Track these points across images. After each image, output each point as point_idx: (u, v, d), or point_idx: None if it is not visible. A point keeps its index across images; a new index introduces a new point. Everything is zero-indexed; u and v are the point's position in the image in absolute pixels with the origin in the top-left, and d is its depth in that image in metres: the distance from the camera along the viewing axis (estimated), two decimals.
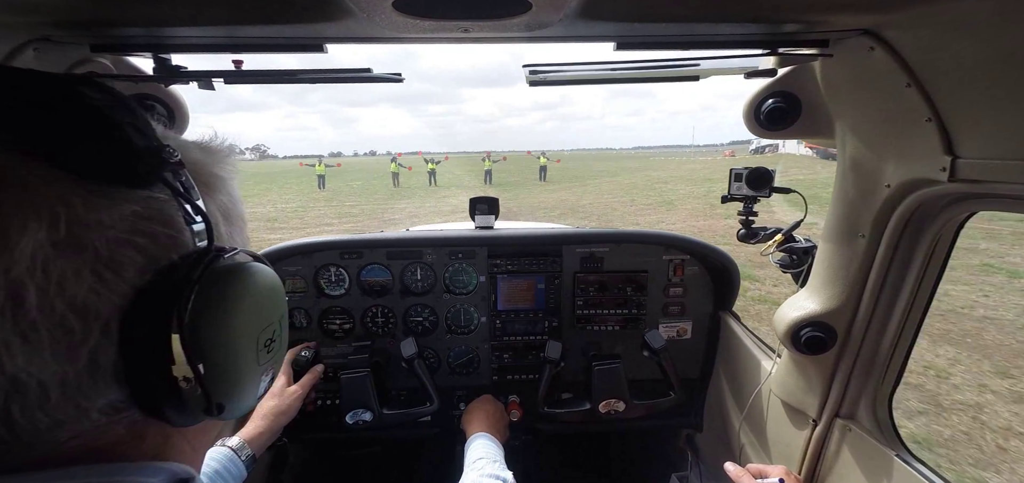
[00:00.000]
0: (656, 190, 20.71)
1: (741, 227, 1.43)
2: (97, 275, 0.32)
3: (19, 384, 0.31)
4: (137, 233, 0.35)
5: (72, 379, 0.33)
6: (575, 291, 1.70)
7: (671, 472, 1.91)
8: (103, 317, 0.33)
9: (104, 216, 0.33)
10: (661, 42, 0.88)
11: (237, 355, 0.41)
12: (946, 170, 0.78)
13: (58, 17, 0.76)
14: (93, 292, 0.32)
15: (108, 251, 0.33)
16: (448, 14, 0.73)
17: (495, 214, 1.85)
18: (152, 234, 0.36)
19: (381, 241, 1.70)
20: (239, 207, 0.49)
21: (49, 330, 0.31)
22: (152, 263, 0.36)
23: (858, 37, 0.85)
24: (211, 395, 0.38)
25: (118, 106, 0.36)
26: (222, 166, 0.47)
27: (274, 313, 0.46)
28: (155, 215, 0.36)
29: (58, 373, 0.32)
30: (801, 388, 1.23)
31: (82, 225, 0.32)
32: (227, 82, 0.96)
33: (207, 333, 0.38)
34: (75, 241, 0.31)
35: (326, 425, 1.74)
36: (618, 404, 1.58)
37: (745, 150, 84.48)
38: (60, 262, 0.31)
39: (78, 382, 0.33)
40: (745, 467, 1.17)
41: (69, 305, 0.31)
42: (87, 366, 0.33)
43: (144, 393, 0.36)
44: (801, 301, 1.14)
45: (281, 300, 0.48)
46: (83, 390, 0.33)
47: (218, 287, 0.39)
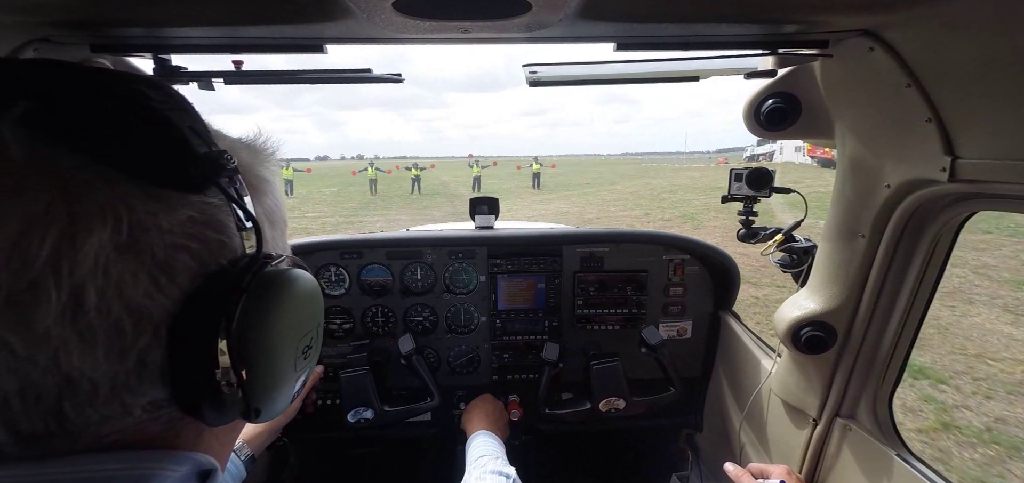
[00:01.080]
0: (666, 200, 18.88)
1: (741, 227, 1.43)
2: (152, 279, 0.33)
3: (73, 382, 0.31)
4: (191, 238, 0.35)
5: (121, 378, 0.33)
6: (575, 291, 1.70)
7: (671, 472, 1.91)
8: (155, 320, 0.34)
9: (162, 220, 0.33)
10: (661, 42, 0.88)
11: (278, 362, 0.41)
12: (946, 170, 0.78)
13: (58, 17, 0.76)
14: (148, 296, 0.33)
15: (164, 255, 0.33)
16: (448, 14, 0.73)
17: (495, 214, 1.85)
18: (205, 239, 0.36)
19: (381, 241, 1.70)
20: (282, 211, 0.49)
21: (104, 331, 0.31)
22: (203, 268, 0.36)
23: (858, 37, 0.85)
24: (251, 400, 0.39)
25: (177, 108, 0.36)
26: (267, 167, 0.47)
27: (314, 320, 0.46)
28: (209, 220, 0.36)
29: (109, 372, 0.33)
30: (801, 388, 1.23)
31: (142, 228, 0.32)
32: (227, 82, 0.96)
33: (253, 340, 0.38)
34: (135, 244, 0.32)
35: (326, 424, 1.74)
36: (618, 402, 1.58)
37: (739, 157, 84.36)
38: (120, 265, 0.31)
39: (126, 381, 0.34)
40: (746, 467, 1.17)
41: (125, 307, 0.32)
42: (135, 366, 0.34)
43: (186, 394, 0.37)
44: (801, 301, 1.14)
45: (320, 306, 0.48)
46: (130, 389, 0.34)
47: (266, 294, 0.39)
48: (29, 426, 0.32)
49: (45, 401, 0.31)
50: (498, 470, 1.13)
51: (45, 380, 0.31)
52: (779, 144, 65.98)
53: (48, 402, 0.31)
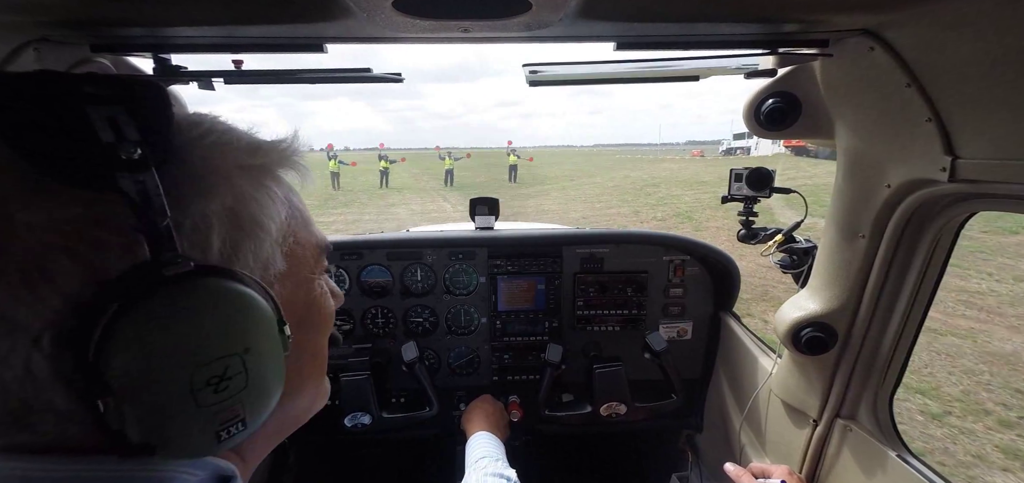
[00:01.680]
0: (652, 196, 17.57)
1: (741, 227, 1.43)
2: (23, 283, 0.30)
3: None
4: (79, 239, 0.31)
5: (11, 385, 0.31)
6: (575, 292, 1.70)
7: (671, 473, 1.91)
8: (26, 329, 0.31)
9: (34, 217, 0.30)
10: (661, 42, 0.88)
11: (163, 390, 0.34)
12: (946, 170, 0.78)
13: (58, 17, 0.76)
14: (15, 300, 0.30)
15: (37, 258, 0.30)
16: (448, 14, 0.73)
17: (495, 215, 1.85)
18: (99, 242, 0.32)
19: (381, 242, 1.70)
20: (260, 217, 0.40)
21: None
22: (94, 274, 0.32)
23: (858, 37, 0.85)
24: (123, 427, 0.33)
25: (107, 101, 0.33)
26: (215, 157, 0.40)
27: (230, 344, 0.36)
28: (104, 220, 0.32)
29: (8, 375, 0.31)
30: (802, 388, 1.23)
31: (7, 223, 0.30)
32: (227, 82, 0.96)
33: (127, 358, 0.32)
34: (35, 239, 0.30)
35: (325, 426, 1.74)
36: (619, 407, 1.57)
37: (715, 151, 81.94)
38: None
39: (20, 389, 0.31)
40: (747, 467, 1.17)
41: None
42: (24, 375, 0.31)
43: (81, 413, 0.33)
44: (801, 301, 1.14)
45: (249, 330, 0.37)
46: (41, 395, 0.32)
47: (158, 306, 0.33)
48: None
49: None
50: (498, 472, 1.12)
51: None
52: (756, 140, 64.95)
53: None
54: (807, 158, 44.42)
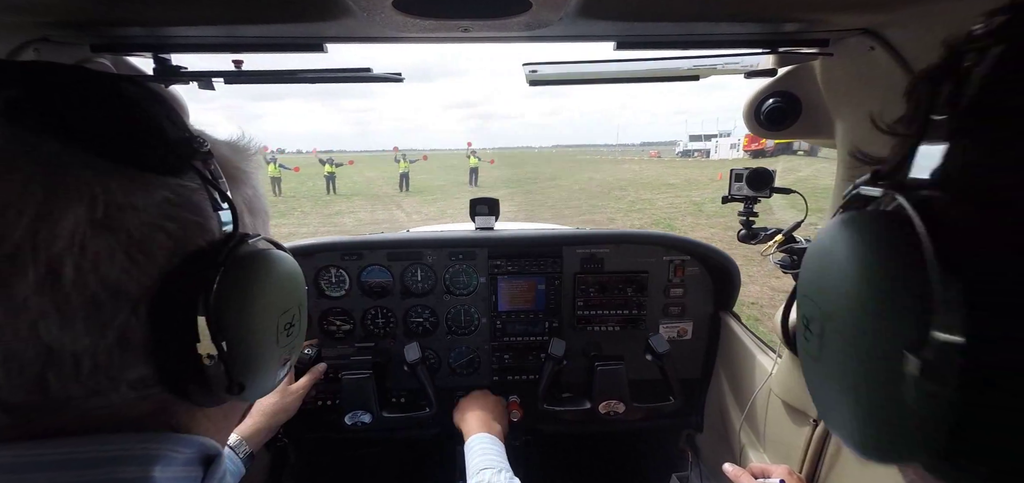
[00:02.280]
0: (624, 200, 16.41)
1: (741, 227, 1.43)
2: (129, 256, 0.34)
3: (54, 354, 0.33)
4: (168, 218, 0.37)
5: (103, 354, 0.35)
6: (575, 292, 1.70)
7: (671, 472, 1.91)
8: (132, 297, 0.35)
9: (138, 200, 0.35)
10: (661, 42, 0.88)
11: (258, 336, 0.43)
12: None
13: (58, 17, 0.76)
14: (124, 272, 0.34)
15: (141, 234, 0.35)
16: (448, 13, 0.73)
17: (495, 215, 1.85)
18: (181, 220, 0.38)
19: (381, 242, 1.70)
20: (262, 201, 0.51)
21: (82, 305, 0.33)
22: (180, 247, 0.38)
23: (858, 36, 0.84)
24: (233, 373, 0.40)
25: (153, 100, 0.39)
26: (247, 162, 0.49)
27: (293, 298, 0.48)
28: (184, 202, 0.38)
29: (90, 347, 0.34)
30: (802, 388, 1.22)
31: (117, 208, 0.34)
32: (227, 82, 0.96)
33: (230, 313, 0.40)
34: (110, 222, 0.34)
35: (326, 425, 1.74)
36: (618, 405, 1.57)
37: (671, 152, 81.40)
38: (96, 241, 0.33)
39: (108, 356, 0.35)
40: (747, 467, 1.17)
41: (101, 282, 0.33)
42: (117, 342, 0.35)
43: (170, 371, 0.38)
44: None
45: (301, 287, 0.50)
46: (114, 364, 0.35)
47: (242, 271, 0.41)
48: (14, 397, 0.33)
49: (28, 372, 0.32)
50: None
51: (26, 350, 0.32)
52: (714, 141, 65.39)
53: (31, 373, 0.33)
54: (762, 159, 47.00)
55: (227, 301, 0.39)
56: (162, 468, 0.37)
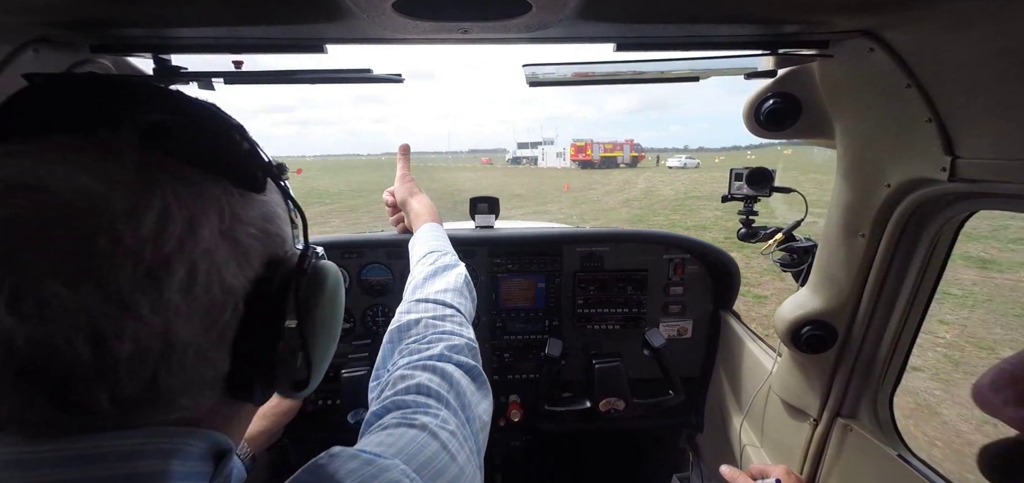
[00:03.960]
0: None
1: (741, 226, 1.43)
2: (238, 262, 0.39)
3: (171, 348, 0.36)
4: (261, 230, 0.42)
5: (204, 348, 0.38)
6: (575, 290, 1.70)
7: (672, 472, 1.91)
8: (235, 297, 0.39)
9: (245, 213, 0.41)
10: (661, 42, 0.88)
11: (328, 336, 0.50)
12: (946, 170, 0.78)
13: (58, 17, 0.76)
14: (234, 276, 0.39)
15: (246, 242, 0.40)
16: (448, 15, 0.73)
17: (495, 213, 1.85)
18: (269, 232, 0.43)
19: (381, 241, 1.70)
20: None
21: (205, 304, 0.37)
22: (268, 255, 0.43)
23: (858, 38, 0.85)
24: (312, 368, 0.47)
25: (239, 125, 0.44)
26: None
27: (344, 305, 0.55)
28: (271, 216, 0.44)
29: (198, 342, 0.37)
30: (802, 387, 1.23)
31: (235, 220, 0.39)
32: (227, 82, 0.96)
33: (313, 316, 0.47)
34: (230, 233, 0.39)
35: (327, 424, 1.74)
36: (618, 403, 1.58)
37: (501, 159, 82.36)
38: (221, 249, 0.38)
39: (207, 351, 0.38)
40: (747, 468, 1.17)
41: (220, 284, 0.38)
42: (216, 338, 0.39)
43: (246, 366, 0.42)
44: (801, 300, 1.14)
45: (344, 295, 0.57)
46: (209, 360, 0.39)
47: (320, 278, 0.48)
48: (129, 391, 0.35)
49: (147, 366, 0.35)
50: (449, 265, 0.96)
51: (153, 345, 0.35)
52: (541, 150, 66.16)
53: (149, 368, 0.35)
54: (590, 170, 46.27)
55: (310, 304, 0.46)
56: (180, 462, 0.38)
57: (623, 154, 55.42)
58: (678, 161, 51.99)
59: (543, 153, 66.04)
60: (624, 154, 55.51)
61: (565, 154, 58.60)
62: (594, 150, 53.65)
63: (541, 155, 66.18)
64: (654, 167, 52.98)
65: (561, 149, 62.22)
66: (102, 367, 0.33)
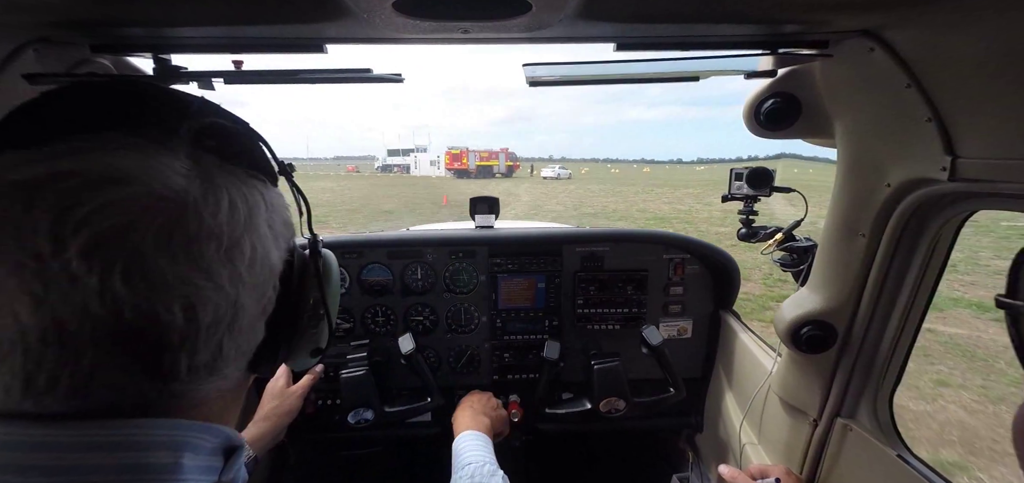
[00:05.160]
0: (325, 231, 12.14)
1: (741, 226, 1.43)
2: (276, 245, 0.46)
3: (238, 314, 0.41)
4: (285, 220, 0.49)
5: (255, 317, 0.44)
6: (576, 290, 1.70)
7: (672, 472, 1.91)
8: (275, 276, 0.46)
9: (276, 202, 0.48)
10: (661, 42, 0.88)
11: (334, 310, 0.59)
12: (946, 170, 0.78)
13: (58, 17, 0.76)
14: (275, 258, 0.46)
15: (280, 228, 0.47)
16: (448, 15, 0.73)
17: (495, 213, 1.85)
18: (287, 220, 0.50)
19: (381, 240, 1.70)
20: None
21: (259, 279, 0.43)
22: (288, 241, 0.49)
23: (858, 37, 0.85)
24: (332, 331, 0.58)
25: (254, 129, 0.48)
26: None
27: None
28: (284, 206, 0.50)
29: (251, 310, 0.43)
30: (801, 387, 1.23)
31: (272, 209, 0.46)
32: (227, 82, 0.96)
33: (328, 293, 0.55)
34: (271, 220, 0.45)
35: (327, 425, 1.74)
36: (618, 403, 1.58)
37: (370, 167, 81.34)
38: (267, 233, 0.44)
39: (254, 321, 0.44)
40: (747, 468, 1.17)
41: (268, 263, 0.44)
42: (260, 311, 0.45)
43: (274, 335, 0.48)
44: (801, 300, 1.14)
45: None
46: (255, 329, 0.45)
47: (327, 261, 0.56)
48: (203, 356, 0.39)
49: (218, 333, 0.40)
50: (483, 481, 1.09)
51: (226, 312, 0.40)
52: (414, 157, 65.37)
53: (219, 334, 0.40)
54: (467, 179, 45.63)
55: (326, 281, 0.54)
56: (191, 455, 0.39)
57: (499, 163, 54.39)
58: (552, 171, 51.32)
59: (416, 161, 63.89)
60: (500, 163, 54.47)
61: (439, 162, 57.47)
62: (470, 158, 52.81)
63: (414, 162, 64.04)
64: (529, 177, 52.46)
65: (435, 157, 60.61)
66: (189, 332, 0.38)
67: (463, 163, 52.26)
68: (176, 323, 0.36)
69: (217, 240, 0.38)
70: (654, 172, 79.89)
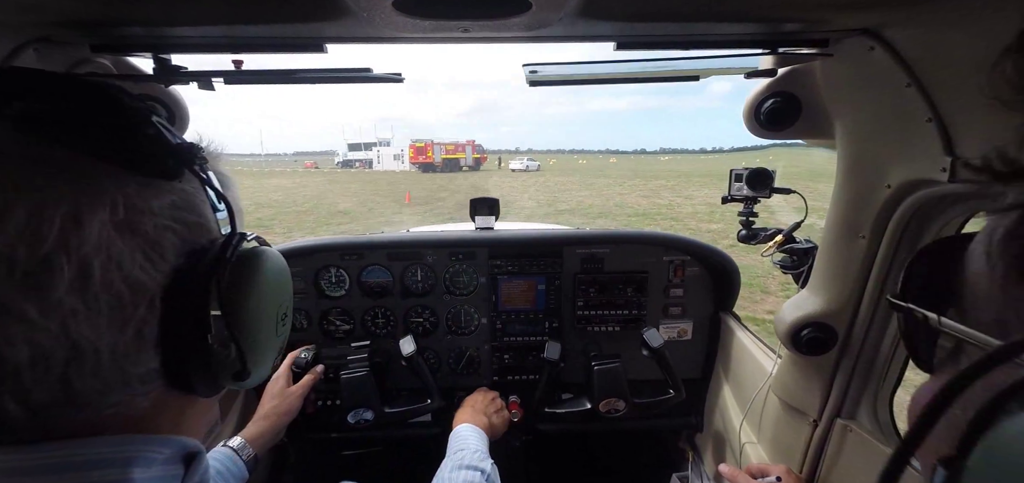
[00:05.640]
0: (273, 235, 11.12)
1: (741, 228, 1.43)
2: (146, 255, 0.37)
3: (79, 349, 0.34)
4: (175, 219, 0.40)
5: (120, 348, 0.37)
6: (576, 292, 1.70)
7: (671, 473, 1.91)
8: (149, 293, 0.38)
9: (152, 203, 0.38)
10: (661, 42, 0.88)
11: (262, 326, 0.47)
12: (946, 170, 0.78)
13: (58, 17, 0.76)
14: (143, 270, 0.37)
15: (155, 234, 0.38)
16: (448, 14, 0.73)
17: (495, 215, 1.85)
18: (186, 221, 0.41)
19: (382, 242, 1.70)
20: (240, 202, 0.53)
21: (107, 302, 0.35)
22: (186, 246, 0.41)
23: (858, 37, 0.84)
24: (245, 360, 0.44)
25: (150, 110, 0.41)
26: (224, 165, 0.51)
27: (286, 292, 0.52)
28: (188, 204, 0.41)
29: (110, 342, 0.36)
30: (801, 388, 1.22)
31: (136, 211, 0.37)
32: (227, 82, 0.96)
33: (241, 306, 0.44)
34: (130, 224, 0.36)
35: (327, 425, 1.74)
36: (618, 403, 1.57)
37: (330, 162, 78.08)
38: (119, 242, 0.35)
39: (125, 351, 0.37)
40: (746, 467, 1.17)
41: (124, 280, 0.36)
42: (134, 337, 0.37)
43: (178, 361, 0.40)
44: (801, 301, 1.13)
45: (289, 282, 0.54)
46: (129, 358, 0.37)
47: (246, 266, 0.46)
48: (39, 396, 0.34)
49: (53, 370, 0.34)
50: (471, 464, 1.12)
51: (54, 349, 0.33)
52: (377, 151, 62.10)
53: (56, 371, 0.34)
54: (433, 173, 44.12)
55: (236, 294, 0.43)
56: (143, 469, 0.38)
57: (466, 156, 52.63)
58: (521, 163, 49.73)
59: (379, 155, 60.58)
60: (467, 156, 52.78)
61: (403, 156, 54.30)
62: (435, 152, 50.08)
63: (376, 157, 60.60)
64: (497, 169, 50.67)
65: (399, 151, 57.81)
66: (1, 374, 0.32)
67: (428, 156, 49.58)
68: None
69: (8, 265, 0.31)
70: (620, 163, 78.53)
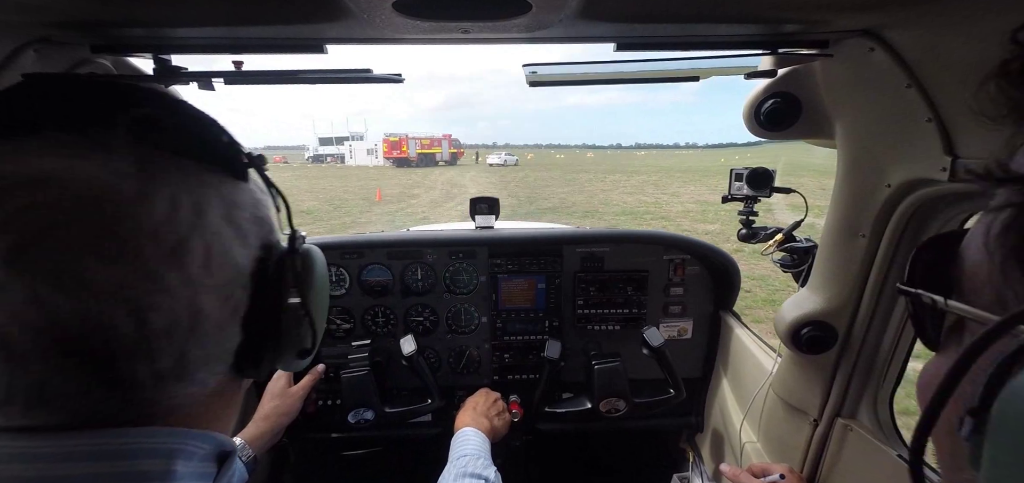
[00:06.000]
0: None
1: (742, 227, 1.43)
2: (240, 243, 0.43)
3: (199, 318, 0.39)
4: (255, 216, 0.45)
5: (223, 320, 0.42)
6: (576, 291, 1.70)
7: (672, 472, 1.91)
8: (244, 275, 0.43)
9: (239, 200, 0.44)
10: (661, 42, 0.88)
11: (324, 311, 0.55)
12: (946, 170, 0.78)
13: (58, 17, 0.76)
14: (241, 256, 0.43)
15: (245, 227, 0.44)
16: (448, 15, 0.73)
17: (495, 214, 1.85)
18: (260, 217, 0.46)
19: (382, 241, 1.71)
20: None
21: (221, 280, 0.40)
22: (262, 237, 0.46)
23: (858, 37, 0.84)
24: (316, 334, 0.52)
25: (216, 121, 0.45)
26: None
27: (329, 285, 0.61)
28: (259, 203, 0.47)
29: (218, 317, 0.41)
30: (802, 388, 1.23)
31: (233, 205, 0.43)
32: (227, 82, 0.96)
33: (311, 288, 0.50)
34: (230, 216, 0.42)
35: (327, 425, 1.74)
36: (619, 403, 1.58)
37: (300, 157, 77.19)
38: (226, 231, 0.41)
39: (224, 323, 0.42)
40: (747, 466, 1.17)
41: (231, 262, 0.42)
42: (231, 312, 0.42)
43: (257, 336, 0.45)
44: (801, 301, 1.14)
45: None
46: (225, 331, 0.42)
47: (309, 258, 0.52)
48: (164, 362, 0.38)
49: (177, 339, 0.38)
50: (476, 472, 1.11)
51: (183, 318, 0.38)
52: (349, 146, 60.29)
53: (179, 341, 0.38)
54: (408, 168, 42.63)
55: (308, 278, 0.50)
56: (184, 462, 0.39)
57: (442, 151, 51.29)
58: (499, 158, 48.62)
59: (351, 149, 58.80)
60: (443, 151, 51.46)
61: (377, 151, 51.93)
62: (410, 146, 48.13)
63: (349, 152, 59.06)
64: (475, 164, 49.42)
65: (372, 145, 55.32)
66: (141, 339, 0.36)
67: (403, 151, 47.79)
68: (124, 330, 0.35)
69: (157, 241, 0.36)
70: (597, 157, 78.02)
